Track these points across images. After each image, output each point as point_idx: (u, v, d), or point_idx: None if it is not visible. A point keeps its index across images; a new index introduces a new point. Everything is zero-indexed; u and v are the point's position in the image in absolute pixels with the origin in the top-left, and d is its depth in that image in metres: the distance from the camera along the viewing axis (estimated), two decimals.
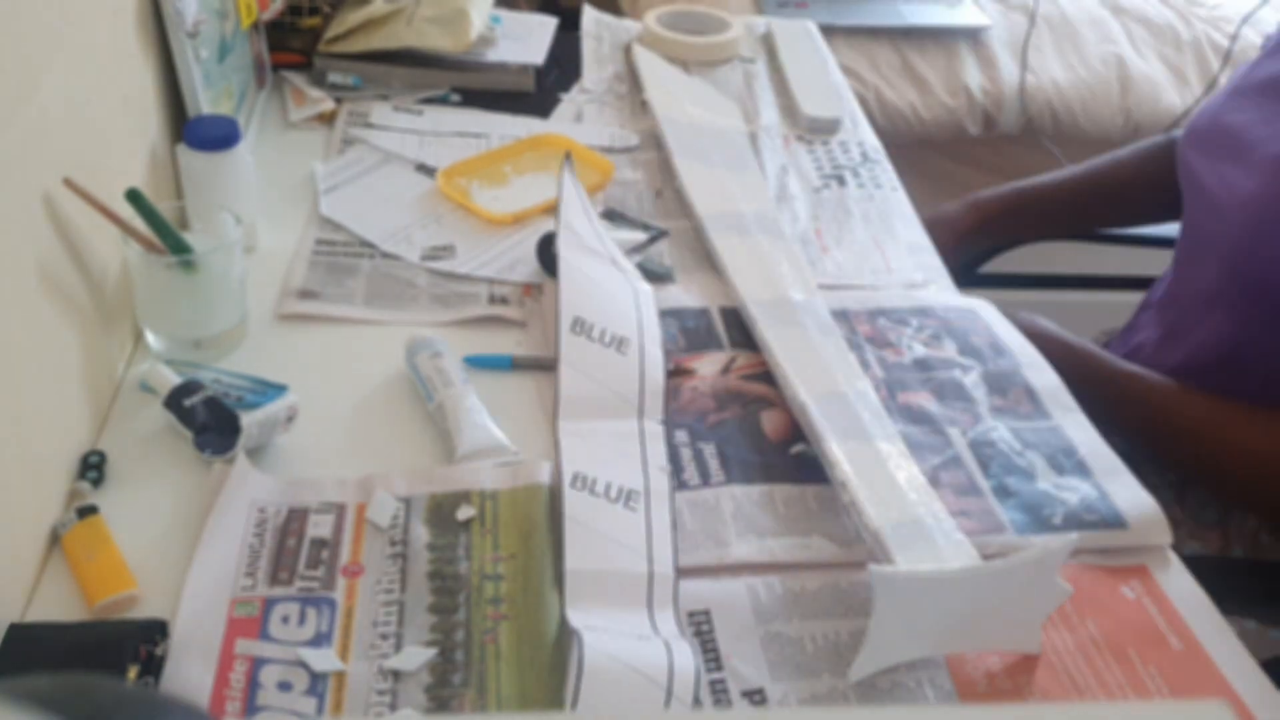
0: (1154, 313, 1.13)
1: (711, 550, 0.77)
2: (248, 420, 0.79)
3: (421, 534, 0.77)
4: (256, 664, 0.67)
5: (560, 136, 1.22)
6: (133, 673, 0.64)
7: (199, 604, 0.70)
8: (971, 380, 0.94)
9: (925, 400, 0.92)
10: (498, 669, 0.69)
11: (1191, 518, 1.04)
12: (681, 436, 0.86)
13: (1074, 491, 0.83)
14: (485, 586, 0.74)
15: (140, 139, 0.97)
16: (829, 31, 1.66)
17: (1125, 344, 1.16)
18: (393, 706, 0.66)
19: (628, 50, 1.46)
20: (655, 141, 1.25)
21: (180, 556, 0.74)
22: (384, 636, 0.70)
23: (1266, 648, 0.96)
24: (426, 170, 1.17)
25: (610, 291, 0.96)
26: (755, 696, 0.69)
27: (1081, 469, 0.85)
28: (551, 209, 1.11)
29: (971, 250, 1.27)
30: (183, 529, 0.76)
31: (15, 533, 0.71)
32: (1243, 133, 0.98)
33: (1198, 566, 0.79)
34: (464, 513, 0.78)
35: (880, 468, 0.81)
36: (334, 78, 1.31)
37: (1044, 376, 0.95)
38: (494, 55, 1.36)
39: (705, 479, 0.83)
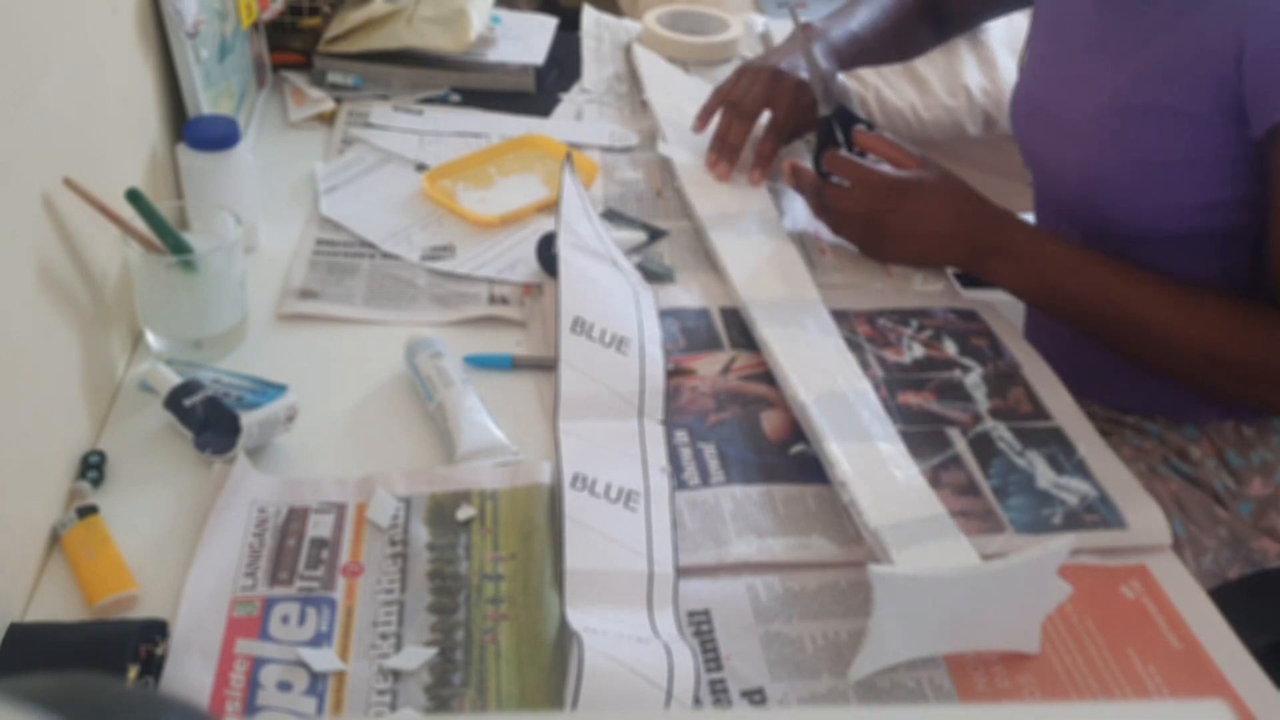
0: None
1: (711, 550, 0.77)
2: (248, 420, 0.79)
3: (421, 534, 0.77)
4: (256, 664, 0.67)
5: (543, 137, 1.22)
6: (133, 673, 0.64)
7: (199, 604, 0.70)
8: (971, 380, 0.94)
9: (925, 400, 0.92)
10: (498, 669, 0.69)
11: None
12: (681, 436, 0.86)
13: (1074, 491, 0.83)
14: (485, 586, 0.74)
15: (140, 139, 0.97)
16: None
17: (1030, 312, 1.19)
18: (393, 706, 0.66)
19: (628, 50, 1.46)
20: (655, 141, 1.25)
21: (180, 556, 0.74)
22: (384, 636, 0.70)
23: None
24: (426, 170, 1.17)
25: (610, 291, 0.96)
26: (755, 696, 0.69)
27: (1081, 469, 0.85)
28: (537, 209, 1.11)
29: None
30: (183, 529, 0.76)
31: (15, 533, 0.71)
32: (1055, 106, 1.03)
33: None
34: (464, 513, 0.78)
35: (880, 468, 0.81)
36: (334, 78, 1.31)
37: (1044, 377, 0.95)
38: (494, 55, 1.37)
39: (705, 479, 0.83)
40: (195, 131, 0.98)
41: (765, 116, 1.17)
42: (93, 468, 0.79)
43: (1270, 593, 1.01)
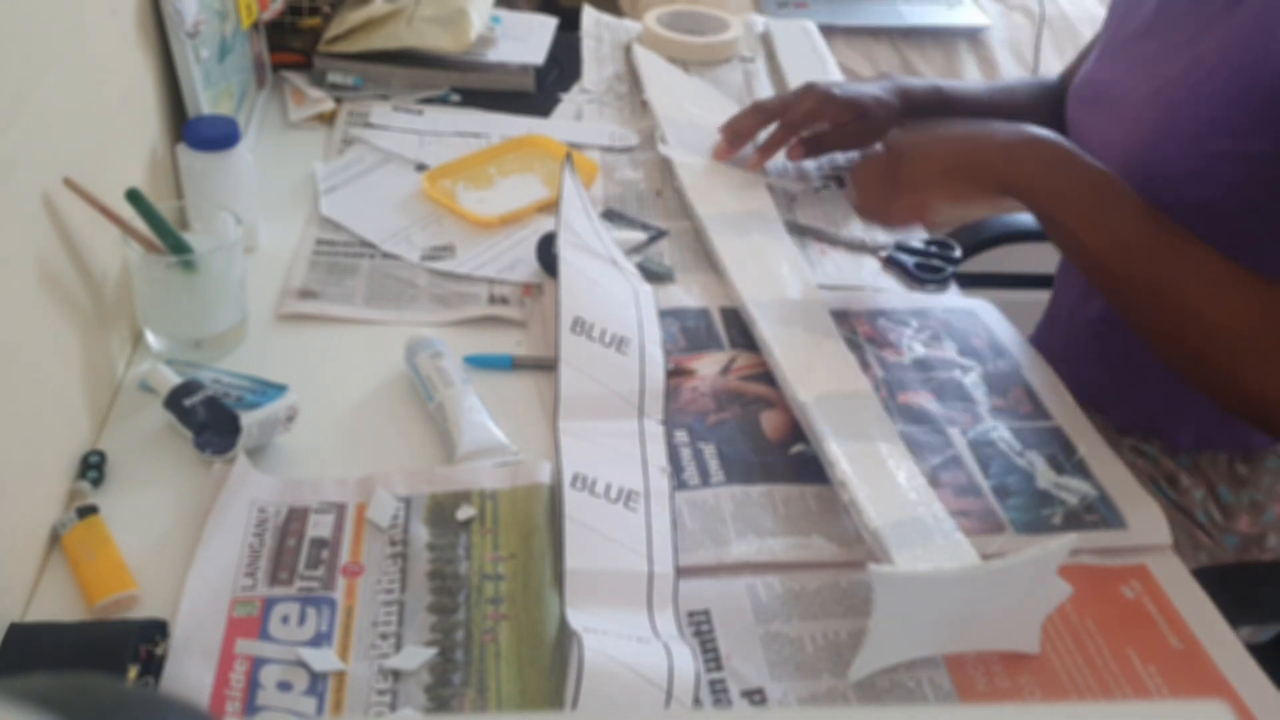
0: (1070, 273, 1.15)
1: (711, 550, 0.77)
2: (248, 420, 0.79)
3: (421, 534, 0.77)
4: (256, 664, 0.67)
5: (543, 137, 1.22)
6: (133, 673, 0.64)
7: (199, 604, 0.70)
8: (971, 380, 0.94)
9: (925, 400, 0.92)
10: (498, 669, 0.69)
11: None
12: (681, 436, 0.86)
13: (1074, 491, 0.83)
14: (485, 586, 0.74)
15: (140, 139, 0.97)
16: (829, 31, 1.66)
17: (1051, 311, 1.19)
18: (393, 706, 0.66)
19: (628, 50, 1.46)
20: (655, 141, 1.25)
21: (180, 556, 0.74)
22: (384, 636, 0.70)
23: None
24: (426, 170, 1.17)
25: (610, 291, 0.96)
26: (755, 696, 0.69)
27: (1081, 469, 0.85)
28: (537, 209, 1.11)
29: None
30: (183, 529, 0.76)
31: (15, 533, 0.71)
32: (1113, 87, 1.01)
33: None
34: (464, 513, 0.78)
35: (880, 468, 0.81)
36: (334, 78, 1.31)
37: (1044, 377, 0.95)
38: (494, 55, 1.37)
39: (705, 479, 0.83)
40: (195, 131, 0.98)
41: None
42: (93, 468, 0.79)
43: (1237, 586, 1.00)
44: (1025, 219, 1.34)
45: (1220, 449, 1.03)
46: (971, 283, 1.10)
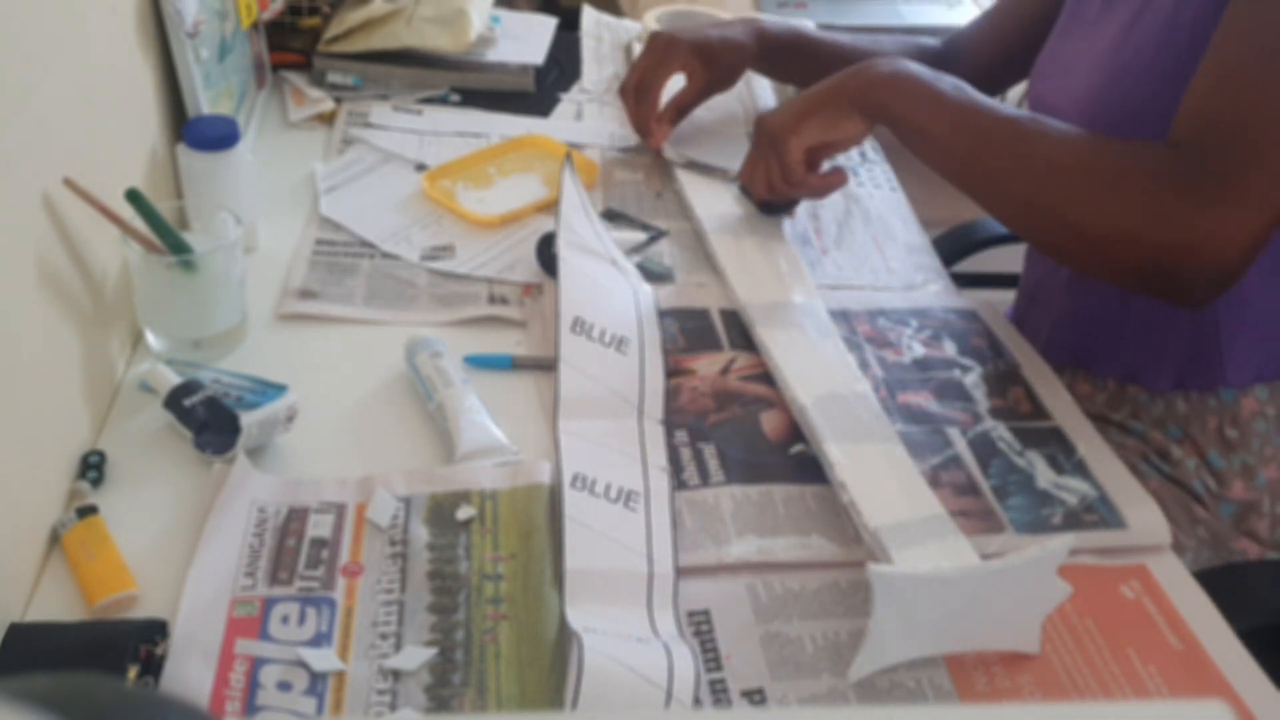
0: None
1: (711, 550, 0.77)
2: (248, 420, 0.79)
3: (421, 534, 0.77)
4: (256, 664, 0.67)
5: (543, 137, 1.22)
6: (133, 673, 0.64)
7: (199, 604, 0.70)
8: (971, 380, 0.94)
9: (925, 400, 0.92)
10: (498, 669, 0.69)
11: None
12: (681, 436, 0.86)
13: (1073, 491, 0.83)
14: (485, 586, 0.74)
15: (140, 139, 0.97)
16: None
17: (1026, 283, 1.19)
18: (393, 706, 0.66)
19: (628, 50, 1.46)
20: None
21: (180, 556, 0.74)
22: (384, 636, 0.70)
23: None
24: (426, 170, 1.17)
25: (610, 291, 0.96)
26: (755, 696, 0.69)
27: (1081, 469, 0.85)
28: (537, 209, 1.11)
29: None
30: (183, 529, 0.76)
31: (15, 533, 0.71)
32: (1070, 50, 1.04)
33: None
34: (464, 512, 0.78)
35: (880, 468, 0.81)
36: (334, 78, 1.31)
37: (1043, 376, 0.95)
38: (494, 55, 1.37)
39: (705, 479, 0.83)
40: (195, 131, 0.98)
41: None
42: (93, 468, 0.79)
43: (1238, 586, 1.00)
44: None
45: (1203, 390, 1.02)
46: (965, 283, 1.10)
